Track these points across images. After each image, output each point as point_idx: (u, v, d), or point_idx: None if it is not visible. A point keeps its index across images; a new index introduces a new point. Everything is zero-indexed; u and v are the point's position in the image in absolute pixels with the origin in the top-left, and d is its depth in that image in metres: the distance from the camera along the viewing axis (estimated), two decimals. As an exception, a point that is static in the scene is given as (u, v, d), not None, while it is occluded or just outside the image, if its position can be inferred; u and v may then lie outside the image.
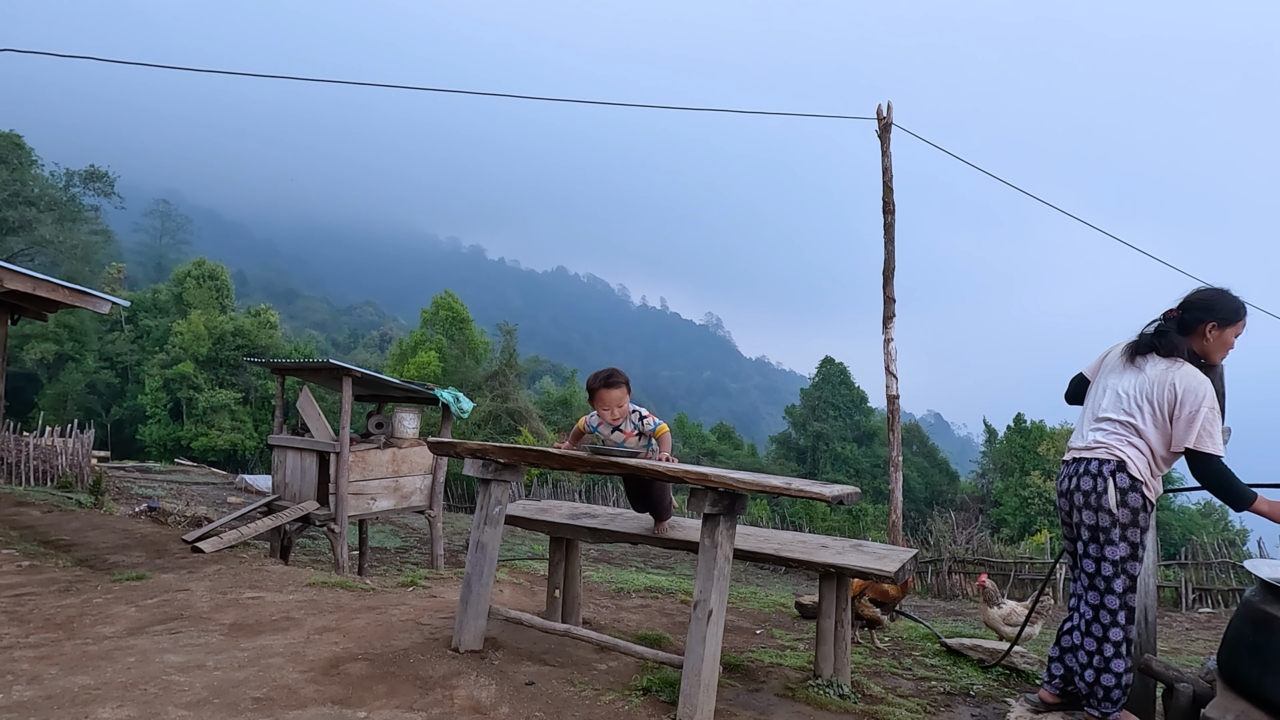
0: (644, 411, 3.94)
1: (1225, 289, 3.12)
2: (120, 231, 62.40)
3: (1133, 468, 3.01)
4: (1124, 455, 3.03)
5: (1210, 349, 3.09)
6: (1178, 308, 3.16)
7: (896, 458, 8.34)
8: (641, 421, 3.90)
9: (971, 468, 43.90)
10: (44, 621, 4.10)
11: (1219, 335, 3.07)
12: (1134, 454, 3.03)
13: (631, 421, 3.90)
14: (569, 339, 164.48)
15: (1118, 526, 3.00)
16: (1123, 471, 3.01)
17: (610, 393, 3.82)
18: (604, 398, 3.83)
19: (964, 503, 35.58)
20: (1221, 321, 3.07)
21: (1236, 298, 3.11)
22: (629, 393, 3.89)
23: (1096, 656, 3.04)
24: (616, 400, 3.83)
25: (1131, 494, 3.00)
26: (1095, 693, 3.05)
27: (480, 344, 37.67)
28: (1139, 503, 3.00)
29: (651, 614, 5.46)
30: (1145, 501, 3.01)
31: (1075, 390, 3.46)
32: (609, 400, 3.82)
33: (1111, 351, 3.31)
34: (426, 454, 8.36)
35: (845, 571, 3.66)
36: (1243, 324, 3.10)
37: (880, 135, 8.74)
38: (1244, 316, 3.10)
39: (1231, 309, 3.09)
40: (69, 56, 11.67)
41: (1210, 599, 14.24)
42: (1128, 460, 3.02)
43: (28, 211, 37.08)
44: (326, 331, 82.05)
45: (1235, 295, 3.12)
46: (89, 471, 14.76)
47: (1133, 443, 3.04)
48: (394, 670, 3.43)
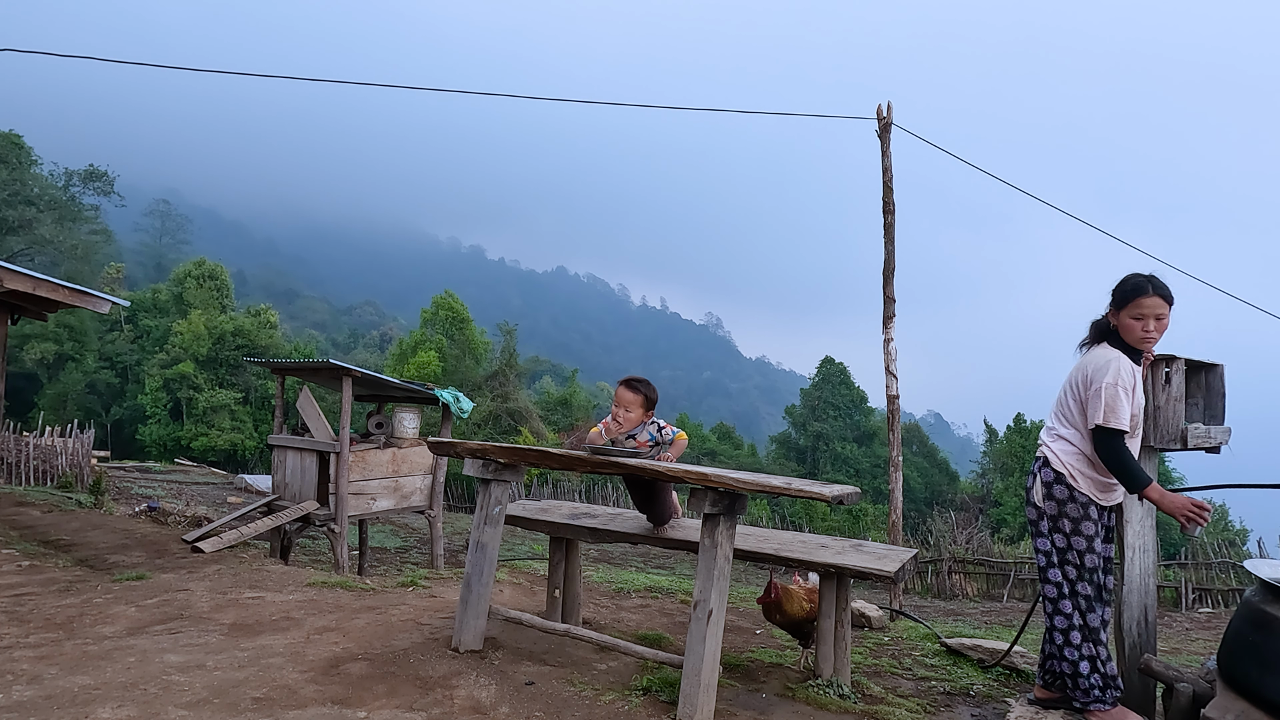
0: (662, 423, 4.02)
1: (1134, 273, 3.14)
2: (120, 231, 62.42)
3: (1056, 462, 3.15)
4: (1048, 450, 3.19)
5: (1122, 332, 3.13)
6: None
7: (896, 458, 8.34)
8: (660, 432, 3.98)
9: (971, 468, 43.90)
10: (44, 621, 4.10)
11: (1118, 318, 3.11)
12: (1059, 447, 3.16)
13: (649, 431, 3.97)
14: (569, 339, 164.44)
15: (1045, 519, 3.16)
16: (1047, 466, 3.17)
17: (624, 392, 3.93)
18: (618, 394, 3.96)
19: (964, 503, 35.57)
20: (1115, 305, 3.14)
21: (1133, 278, 3.09)
22: (649, 406, 3.94)
23: (1049, 644, 3.18)
24: (627, 401, 3.90)
25: (1057, 486, 3.13)
26: (1066, 683, 3.16)
27: (480, 344, 37.66)
28: (1064, 494, 3.12)
29: (651, 614, 5.46)
30: (1072, 493, 3.11)
31: None
32: (620, 399, 3.93)
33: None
34: (426, 454, 8.35)
35: (845, 571, 3.66)
36: (1138, 304, 3.03)
37: (880, 135, 8.74)
38: (1136, 297, 3.04)
39: (1122, 292, 3.10)
40: (69, 56, 11.68)
41: (1210, 599, 14.25)
42: (1051, 455, 3.17)
43: (27, 211, 37.07)
44: (326, 331, 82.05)
45: (1135, 276, 3.10)
46: (89, 471, 14.76)
47: (1060, 435, 3.19)
48: (394, 670, 3.43)
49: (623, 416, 3.90)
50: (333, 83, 14.77)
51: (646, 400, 3.92)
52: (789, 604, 3.90)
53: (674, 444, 3.96)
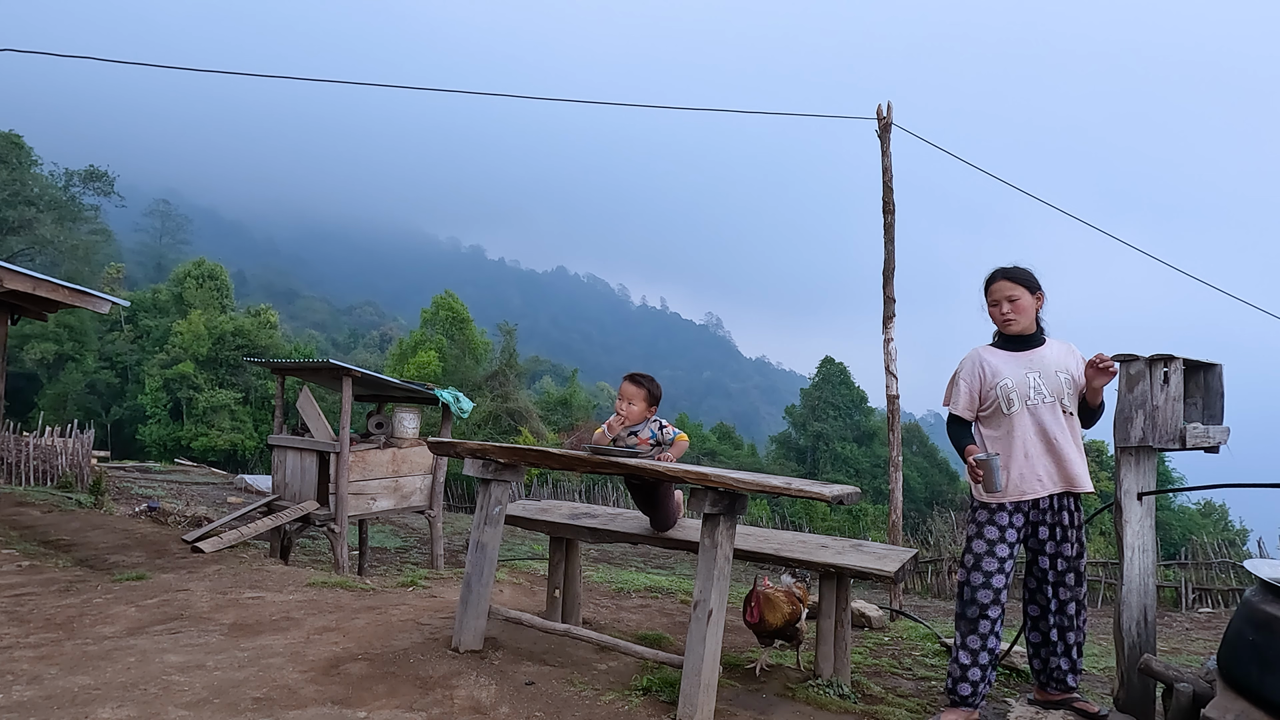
0: (664, 422, 4.04)
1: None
2: (120, 231, 62.42)
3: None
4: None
5: (994, 323, 3.43)
6: None
7: (896, 458, 8.33)
8: (661, 431, 4.00)
9: (972, 468, 43.79)
10: (44, 621, 4.10)
11: (988, 313, 3.41)
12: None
13: (651, 429, 4.00)
14: (569, 339, 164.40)
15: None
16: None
17: (628, 386, 3.99)
18: (622, 389, 4.00)
19: (964, 503, 35.54)
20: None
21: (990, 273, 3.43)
22: (652, 401, 4.00)
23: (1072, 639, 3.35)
24: (630, 395, 3.95)
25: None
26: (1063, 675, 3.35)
27: (480, 344, 37.65)
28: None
29: (651, 614, 5.46)
30: (972, 492, 3.34)
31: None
32: (624, 393, 3.98)
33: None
34: (426, 454, 8.35)
35: (845, 571, 3.66)
36: (990, 292, 3.37)
37: (880, 135, 8.73)
38: (987, 287, 3.39)
39: (983, 289, 3.43)
40: (69, 56, 11.67)
41: (1210, 599, 14.24)
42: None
43: (28, 211, 37.07)
44: (326, 331, 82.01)
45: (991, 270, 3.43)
46: (89, 471, 14.76)
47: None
48: (394, 670, 3.43)
49: (626, 409, 3.94)
50: (333, 83, 14.77)
51: (650, 395, 3.98)
52: (772, 614, 3.69)
53: (674, 445, 3.96)
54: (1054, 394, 3.23)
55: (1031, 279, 3.33)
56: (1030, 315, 3.32)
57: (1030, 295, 3.31)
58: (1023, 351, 3.31)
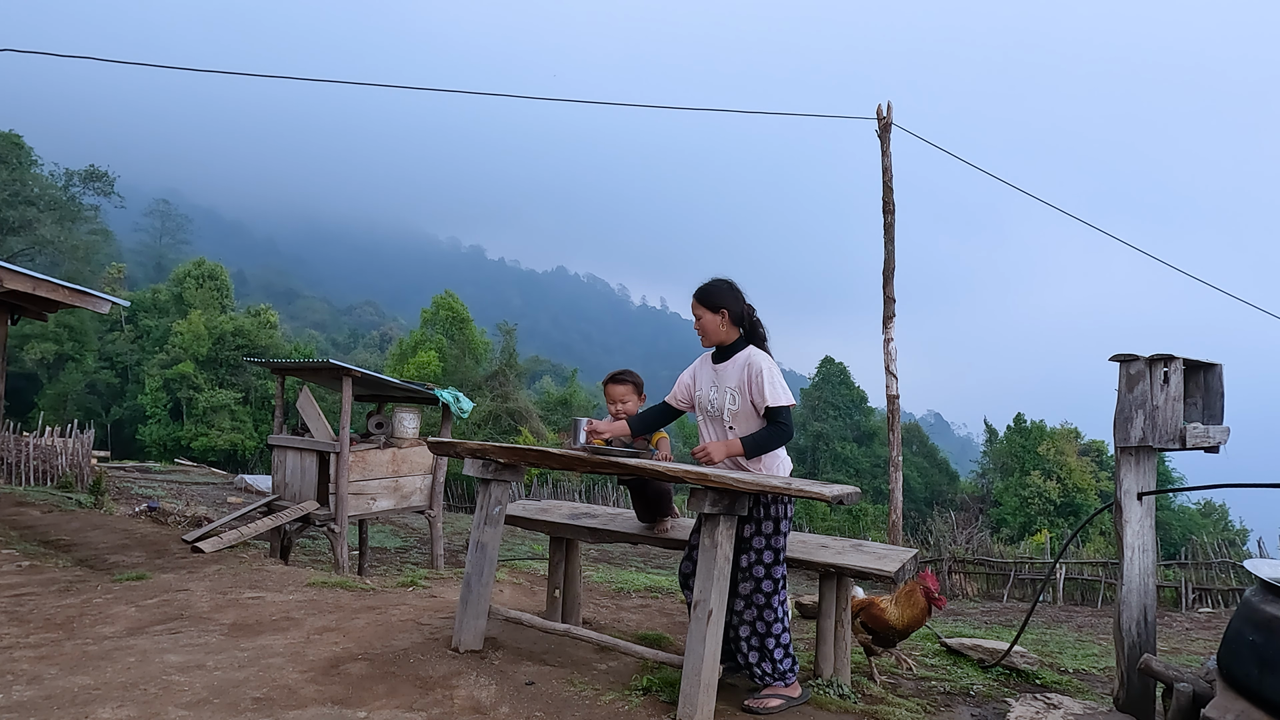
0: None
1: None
2: (120, 231, 62.44)
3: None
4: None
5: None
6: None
7: (896, 458, 8.34)
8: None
9: (971, 468, 43.91)
10: (44, 621, 4.10)
11: None
12: None
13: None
14: (569, 339, 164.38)
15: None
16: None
17: (614, 388, 4.02)
18: (608, 392, 4.04)
19: (964, 503, 35.57)
20: None
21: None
22: (639, 394, 4.05)
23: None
24: (620, 395, 4.00)
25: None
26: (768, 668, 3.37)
27: (480, 344, 37.66)
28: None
29: (651, 614, 5.46)
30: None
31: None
32: (613, 395, 4.02)
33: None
34: (426, 454, 8.35)
35: (845, 571, 3.66)
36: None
37: (880, 135, 8.74)
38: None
39: None
40: (69, 56, 11.68)
41: (1210, 599, 14.24)
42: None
43: (28, 211, 37.10)
44: (326, 331, 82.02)
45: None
46: (89, 471, 14.77)
47: None
48: (394, 670, 3.43)
49: (622, 409, 3.97)
50: (333, 83, 14.78)
51: (636, 388, 4.05)
52: (910, 610, 3.72)
53: (660, 444, 3.97)
54: (717, 408, 3.44)
55: (710, 298, 3.40)
56: (714, 333, 3.42)
57: (711, 314, 3.39)
58: (717, 364, 3.50)
